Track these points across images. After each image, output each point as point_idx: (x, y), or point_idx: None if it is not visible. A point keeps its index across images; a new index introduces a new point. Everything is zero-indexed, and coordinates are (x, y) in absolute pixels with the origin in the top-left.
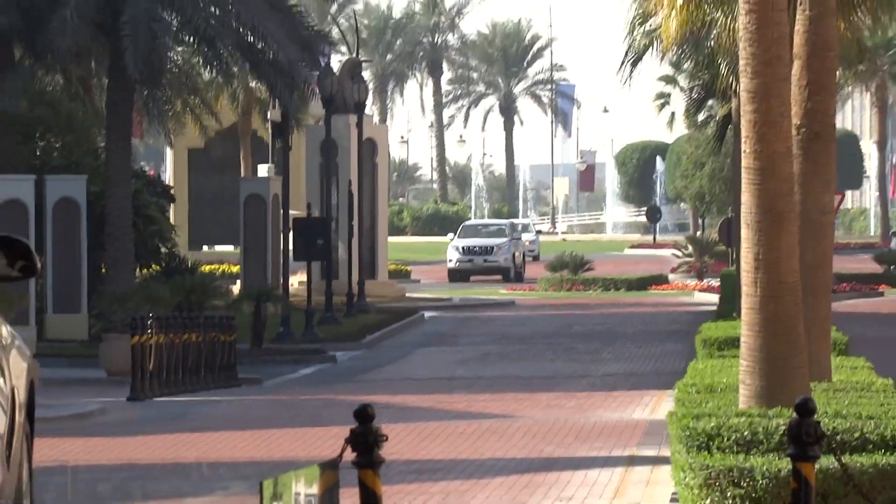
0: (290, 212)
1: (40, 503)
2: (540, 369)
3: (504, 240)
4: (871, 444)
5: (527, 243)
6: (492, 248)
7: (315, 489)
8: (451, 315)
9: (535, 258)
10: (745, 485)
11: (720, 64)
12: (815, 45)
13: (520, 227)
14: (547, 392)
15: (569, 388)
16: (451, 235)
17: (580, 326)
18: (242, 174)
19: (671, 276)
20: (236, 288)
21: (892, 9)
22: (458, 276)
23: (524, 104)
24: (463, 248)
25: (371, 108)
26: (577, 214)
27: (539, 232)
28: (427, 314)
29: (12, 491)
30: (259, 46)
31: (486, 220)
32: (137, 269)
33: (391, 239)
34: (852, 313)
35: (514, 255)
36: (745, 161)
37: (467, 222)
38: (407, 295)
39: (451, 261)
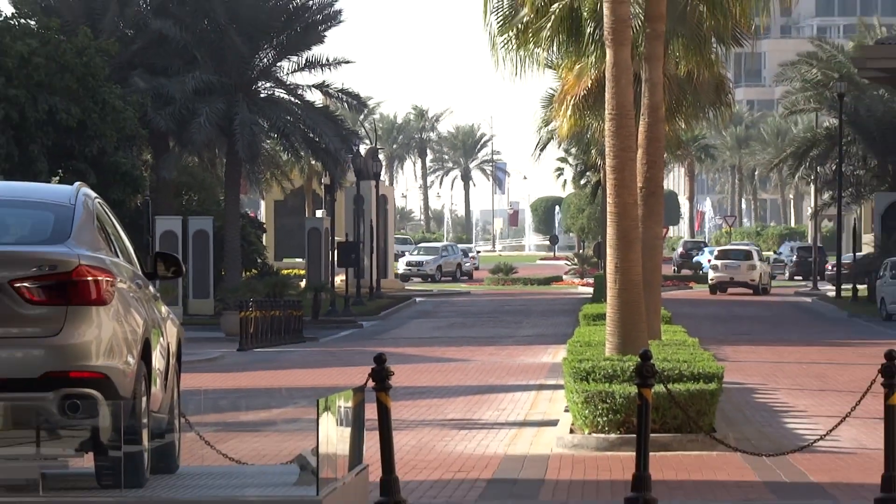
0: (336, 238)
1: (184, 412)
2: (485, 332)
3: (433, 257)
4: (686, 377)
5: (472, 257)
6: (422, 262)
7: (350, 404)
8: (432, 300)
9: (476, 268)
10: (609, 402)
11: (593, 150)
12: (651, 139)
13: (458, 249)
14: (489, 346)
15: (502, 343)
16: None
17: (509, 307)
18: (307, 216)
19: (564, 277)
20: (303, 283)
21: (697, 119)
22: (404, 278)
23: (476, 174)
24: (406, 262)
25: (384, 177)
26: (509, 239)
27: (478, 251)
28: (418, 300)
29: (168, 406)
30: (316, 140)
31: (431, 244)
32: (243, 272)
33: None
34: (674, 299)
35: (438, 266)
36: (609, 208)
37: (421, 244)
38: (406, 288)
39: (399, 269)
